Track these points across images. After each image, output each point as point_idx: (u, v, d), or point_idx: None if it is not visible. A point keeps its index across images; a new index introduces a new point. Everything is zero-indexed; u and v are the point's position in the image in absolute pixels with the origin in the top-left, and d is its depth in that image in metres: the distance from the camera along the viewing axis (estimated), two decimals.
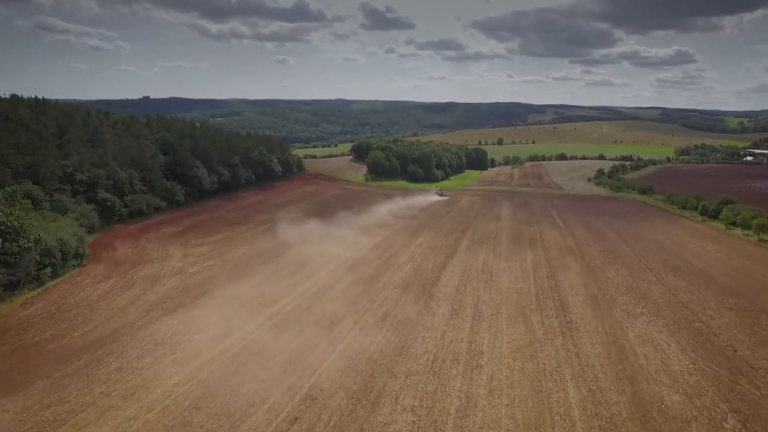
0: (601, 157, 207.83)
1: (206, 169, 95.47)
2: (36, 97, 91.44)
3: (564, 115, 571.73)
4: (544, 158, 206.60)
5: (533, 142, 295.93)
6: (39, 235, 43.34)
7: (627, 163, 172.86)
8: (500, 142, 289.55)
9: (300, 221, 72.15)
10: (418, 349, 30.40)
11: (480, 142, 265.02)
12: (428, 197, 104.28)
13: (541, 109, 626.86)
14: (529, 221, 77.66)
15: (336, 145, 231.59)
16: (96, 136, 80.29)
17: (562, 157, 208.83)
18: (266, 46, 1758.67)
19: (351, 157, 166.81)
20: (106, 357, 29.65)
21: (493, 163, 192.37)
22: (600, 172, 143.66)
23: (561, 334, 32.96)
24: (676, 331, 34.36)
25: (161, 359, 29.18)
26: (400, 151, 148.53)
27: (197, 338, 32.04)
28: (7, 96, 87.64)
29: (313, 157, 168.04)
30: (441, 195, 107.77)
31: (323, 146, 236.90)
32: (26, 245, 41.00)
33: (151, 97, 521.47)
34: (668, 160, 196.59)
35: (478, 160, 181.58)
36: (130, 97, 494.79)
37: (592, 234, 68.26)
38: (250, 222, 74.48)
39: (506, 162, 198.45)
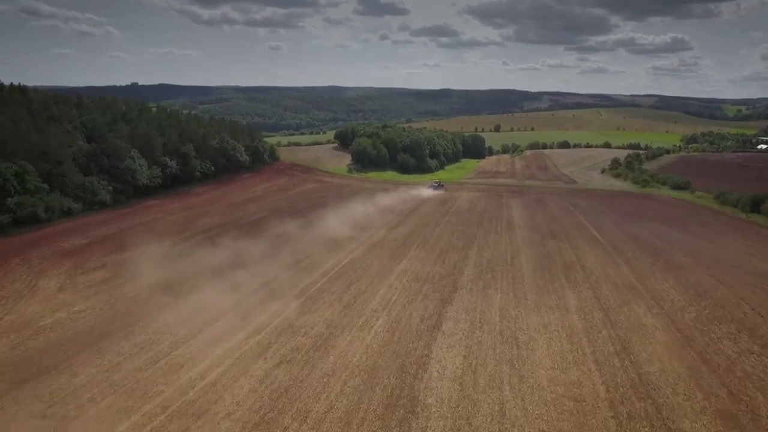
0: (607, 146, 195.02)
1: (145, 160, 76.91)
2: None
3: (560, 102, 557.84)
4: (545, 146, 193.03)
5: (532, 129, 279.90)
6: None
7: (641, 152, 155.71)
8: (497, 129, 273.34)
9: (247, 229, 55.70)
10: None
11: (476, 129, 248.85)
12: (421, 192, 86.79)
13: (537, 96, 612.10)
14: (553, 232, 57.88)
15: (324, 132, 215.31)
16: None
17: (564, 145, 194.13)
18: (258, 32, 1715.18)
19: (335, 144, 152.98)
20: None
21: (491, 152, 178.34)
22: (616, 162, 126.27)
23: None
24: None
25: None
26: (389, 137, 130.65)
27: None
28: None
29: (297, 144, 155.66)
30: (437, 188, 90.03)
31: (311, 133, 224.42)
32: None
33: (140, 83, 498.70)
34: (680, 148, 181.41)
35: (475, 148, 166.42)
36: (118, 84, 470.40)
37: (650, 256, 47.67)
38: (188, 230, 56.58)
39: (505, 150, 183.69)
